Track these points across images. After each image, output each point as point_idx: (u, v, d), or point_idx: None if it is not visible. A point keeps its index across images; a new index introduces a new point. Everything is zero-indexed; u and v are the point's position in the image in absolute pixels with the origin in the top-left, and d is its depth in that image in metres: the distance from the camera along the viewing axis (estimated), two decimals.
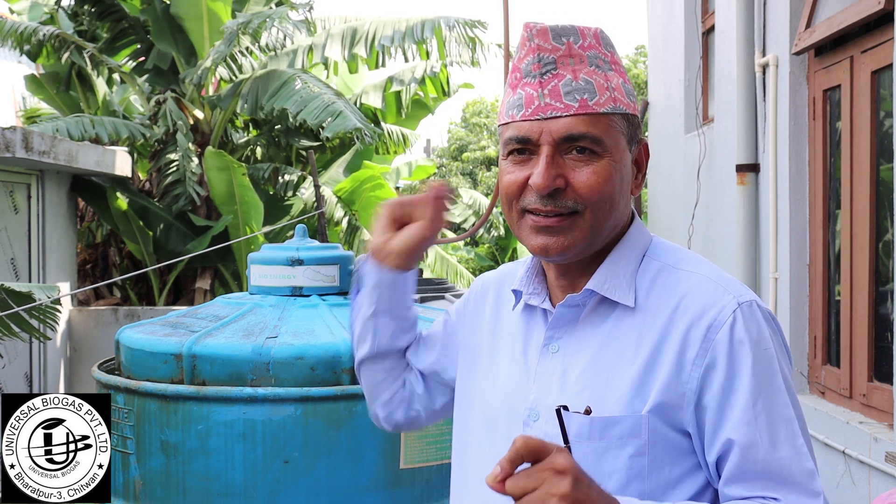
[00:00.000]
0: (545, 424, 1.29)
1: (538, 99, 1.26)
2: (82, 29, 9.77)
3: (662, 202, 7.29)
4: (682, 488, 1.25)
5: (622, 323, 1.29)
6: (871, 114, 3.61)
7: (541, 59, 1.27)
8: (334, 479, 2.72)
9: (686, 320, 1.25)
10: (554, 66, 1.26)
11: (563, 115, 1.25)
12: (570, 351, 1.31)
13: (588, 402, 1.25)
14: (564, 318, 1.32)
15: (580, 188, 1.25)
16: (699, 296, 1.27)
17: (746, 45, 4.76)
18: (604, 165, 1.26)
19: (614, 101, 1.27)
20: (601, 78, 1.27)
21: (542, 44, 1.27)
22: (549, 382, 1.31)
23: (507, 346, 1.40)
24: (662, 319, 1.26)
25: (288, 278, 3.09)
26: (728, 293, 1.27)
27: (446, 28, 9.17)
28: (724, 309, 1.25)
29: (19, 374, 7.22)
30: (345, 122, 8.08)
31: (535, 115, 1.26)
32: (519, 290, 1.39)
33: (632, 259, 1.32)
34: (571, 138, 1.25)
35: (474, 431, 1.42)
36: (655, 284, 1.30)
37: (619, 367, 1.26)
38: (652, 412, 1.23)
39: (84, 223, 9.54)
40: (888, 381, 3.41)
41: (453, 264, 11.85)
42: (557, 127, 1.25)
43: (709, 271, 1.31)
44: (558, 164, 1.26)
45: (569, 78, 1.26)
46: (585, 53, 1.27)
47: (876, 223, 3.60)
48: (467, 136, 23.17)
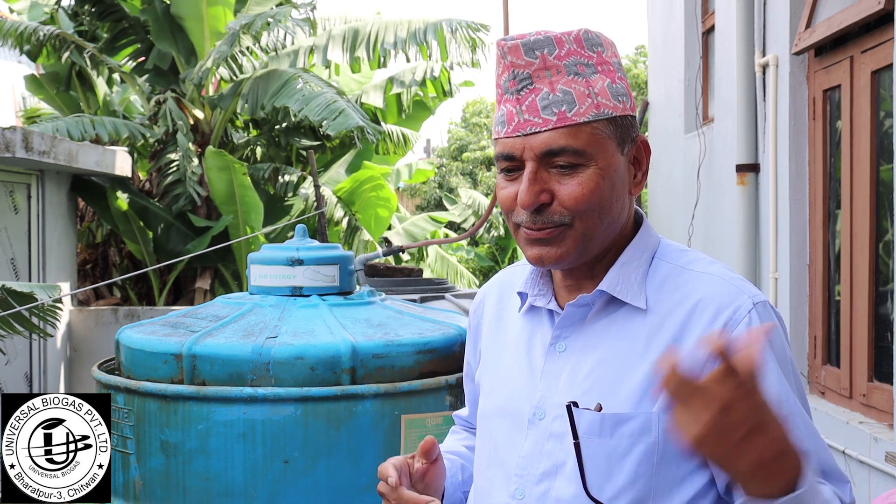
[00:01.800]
0: (551, 423, 1.30)
1: (517, 115, 1.26)
2: (82, 29, 9.77)
3: (662, 202, 7.29)
4: (686, 486, 1.26)
5: (631, 323, 1.29)
6: (871, 114, 3.61)
7: (516, 76, 1.26)
8: (334, 479, 2.72)
9: (702, 320, 1.26)
10: (530, 82, 1.26)
11: (542, 130, 1.25)
12: (578, 350, 1.31)
13: (597, 400, 1.26)
14: (573, 317, 1.32)
15: (566, 201, 1.25)
16: (715, 296, 1.28)
17: (746, 45, 4.76)
18: (589, 175, 1.25)
19: (597, 107, 1.25)
20: (581, 85, 1.25)
21: (514, 60, 1.26)
22: (555, 381, 1.31)
23: (512, 348, 1.41)
24: (677, 319, 1.27)
25: (288, 278, 3.09)
26: (743, 293, 1.28)
27: (448, 31, 9.16)
28: (741, 308, 1.26)
29: (19, 374, 7.22)
30: (347, 120, 8.08)
31: (515, 132, 1.26)
32: (524, 292, 1.40)
33: (642, 261, 1.33)
34: (552, 153, 1.25)
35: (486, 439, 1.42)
36: (666, 285, 1.31)
37: (629, 366, 1.27)
38: (664, 410, 1.23)
39: (84, 223, 9.54)
40: (888, 381, 3.41)
41: (453, 264, 11.86)
42: (537, 142, 1.25)
43: (721, 271, 1.32)
44: (542, 179, 1.26)
45: (546, 91, 1.25)
46: (562, 63, 1.26)
47: (876, 223, 3.60)
48: (467, 136, 23.16)
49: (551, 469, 1.29)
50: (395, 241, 10.48)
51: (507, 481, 1.33)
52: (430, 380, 2.85)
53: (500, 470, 1.35)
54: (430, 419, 2.82)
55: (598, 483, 1.24)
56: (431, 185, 20.67)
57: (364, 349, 2.79)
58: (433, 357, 2.91)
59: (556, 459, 1.28)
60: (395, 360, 2.84)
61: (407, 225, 11.76)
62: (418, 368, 2.87)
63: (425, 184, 20.23)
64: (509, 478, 1.33)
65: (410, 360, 2.86)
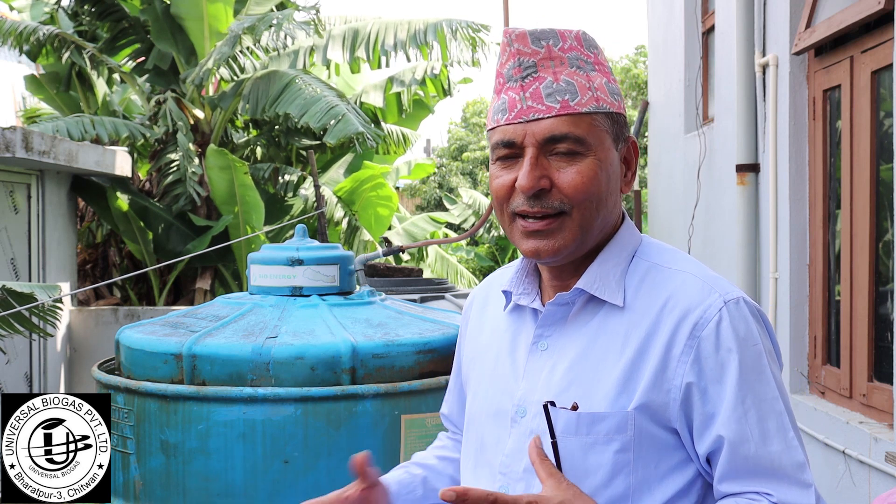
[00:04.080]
0: (532, 420, 1.31)
1: (520, 102, 1.28)
2: (82, 29, 9.77)
3: (662, 202, 7.29)
4: (668, 483, 1.27)
5: (609, 321, 1.30)
6: (871, 114, 3.61)
7: (521, 63, 1.28)
8: (334, 479, 2.72)
9: (672, 318, 1.27)
10: (535, 70, 1.28)
11: (545, 117, 1.26)
12: (558, 348, 1.32)
13: (574, 399, 1.27)
14: (553, 316, 1.34)
15: (565, 188, 1.27)
16: (685, 294, 1.28)
17: (746, 45, 4.76)
18: (588, 164, 1.27)
19: (597, 100, 1.28)
20: (583, 78, 1.28)
21: (521, 48, 1.28)
22: (536, 379, 1.33)
23: (496, 346, 1.42)
24: (650, 318, 1.28)
25: (288, 278, 3.09)
26: (714, 291, 1.28)
27: (449, 31, 9.17)
28: (711, 307, 1.26)
29: (19, 374, 7.22)
30: (347, 126, 8.09)
31: (518, 118, 1.28)
32: (509, 290, 1.41)
33: (621, 259, 1.33)
34: (554, 139, 1.26)
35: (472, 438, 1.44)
36: (644, 283, 1.31)
37: (606, 364, 1.28)
38: (638, 409, 1.25)
39: (84, 223, 9.54)
40: (888, 381, 3.41)
41: (453, 264, 11.85)
42: (540, 128, 1.27)
43: (695, 269, 1.32)
44: (543, 166, 1.27)
45: (549, 80, 1.27)
46: (566, 55, 1.28)
47: (876, 223, 3.60)
48: (467, 136, 23.16)
49: (532, 466, 1.30)
50: (395, 241, 10.48)
51: (492, 479, 1.35)
52: (430, 380, 2.85)
53: (487, 468, 1.37)
54: (429, 419, 2.82)
55: (577, 481, 1.25)
56: (431, 185, 20.67)
57: (364, 349, 2.79)
58: (433, 357, 2.91)
59: None
60: (395, 360, 2.84)
61: (407, 225, 11.76)
62: (418, 368, 2.87)
63: (425, 183, 20.23)
64: (495, 476, 1.35)
65: (410, 360, 2.86)
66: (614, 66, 20.85)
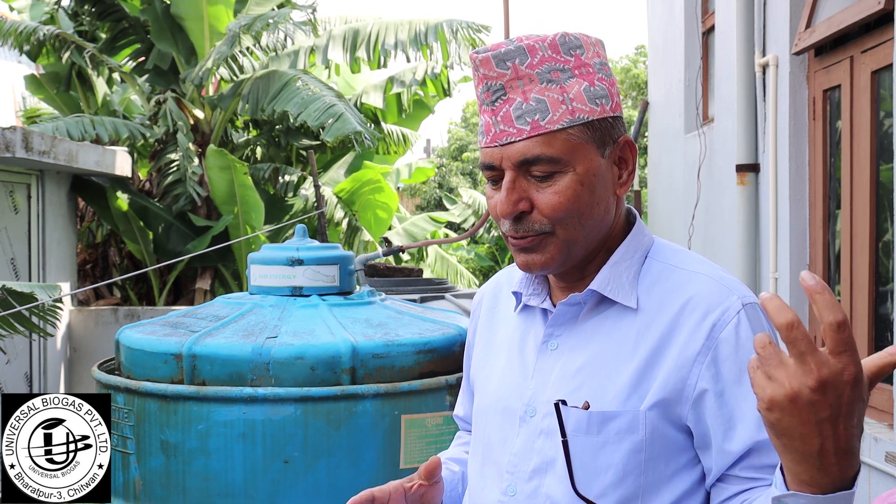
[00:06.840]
0: (541, 420, 1.31)
1: (493, 126, 1.28)
2: (82, 29, 9.77)
3: (662, 202, 7.29)
4: (676, 483, 1.27)
5: (622, 322, 1.30)
6: (871, 114, 3.61)
7: (489, 87, 1.27)
8: (334, 479, 2.72)
9: (691, 319, 1.26)
10: (503, 92, 1.27)
11: (517, 140, 1.26)
12: (569, 348, 1.32)
13: (585, 398, 1.27)
14: (564, 315, 1.34)
15: (544, 210, 1.27)
16: (704, 296, 1.28)
17: (746, 45, 4.76)
18: (566, 183, 1.26)
19: (571, 112, 1.25)
20: (555, 92, 1.26)
21: (487, 72, 1.27)
22: (546, 379, 1.33)
23: (506, 346, 1.42)
24: (665, 319, 1.28)
25: (288, 278, 3.09)
26: (732, 293, 1.28)
27: (449, 32, 9.16)
28: (730, 309, 1.26)
29: (19, 374, 7.22)
30: (345, 125, 8.09)
31: (493, 142, 1.28)
32: (519, 291, 1.41)
33: (634, 260, 1.33)
34: (527, 161, 1.26)
35: (480, 436, 1.44)
36: (657, 285, 1.31)
37: (618, 364, 1.28)
38: (651, 409, 1.25)
39: (84, 223, 9.54)
40: (888, 381, 3.41)
41: (453, 264, 11.85)
42: (513, 152, 1.26)
43: (711, 271, 1.32)
44: (522, 188, 1.27)
45: (519, 101, 1.26)
46: (534, 72, 1.26)
47: (876, 223, 3.60)
48: (467, 136, 23.15)
49: (541, 466, 1.30)
50: (395, 242, 10.48)
51: (499, 478, 1.35)
52: (430, 380, 2.85)
53: (494, 467, 1.37)
54: (430, 419, 2.82)
55: (587, 480, 1.25)
56: (431, 185, 20.67)
57: (364, 349, 2.79)
58: (433, 357, 2.91)
59: (546, 457, 1.30)
60: (395, 360, 2.84)
61: (407, 225, 11.75)
62: (418, 368, 2.87)
63: (425, 184, 20.22)
64: (502, 475, 1.35)
65: (410, 360, 2.86)
66: (614, 66, 20.85)
